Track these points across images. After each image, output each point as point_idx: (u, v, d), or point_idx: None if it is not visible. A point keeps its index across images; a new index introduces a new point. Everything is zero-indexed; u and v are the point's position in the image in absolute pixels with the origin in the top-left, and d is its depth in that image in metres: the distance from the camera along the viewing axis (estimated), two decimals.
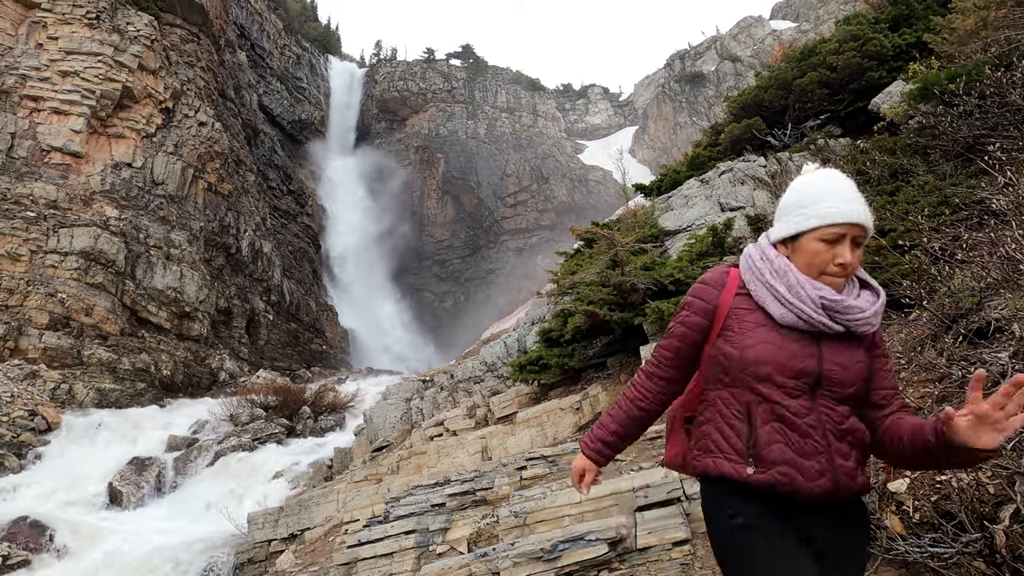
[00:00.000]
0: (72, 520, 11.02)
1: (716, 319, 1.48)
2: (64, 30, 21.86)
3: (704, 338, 1.50)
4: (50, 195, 19.91)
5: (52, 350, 18.01)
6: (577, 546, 2.86)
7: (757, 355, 1.37)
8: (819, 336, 1.37)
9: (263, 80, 43.30)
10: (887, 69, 9.09)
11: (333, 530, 7.41)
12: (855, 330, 1.38)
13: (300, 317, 31.50)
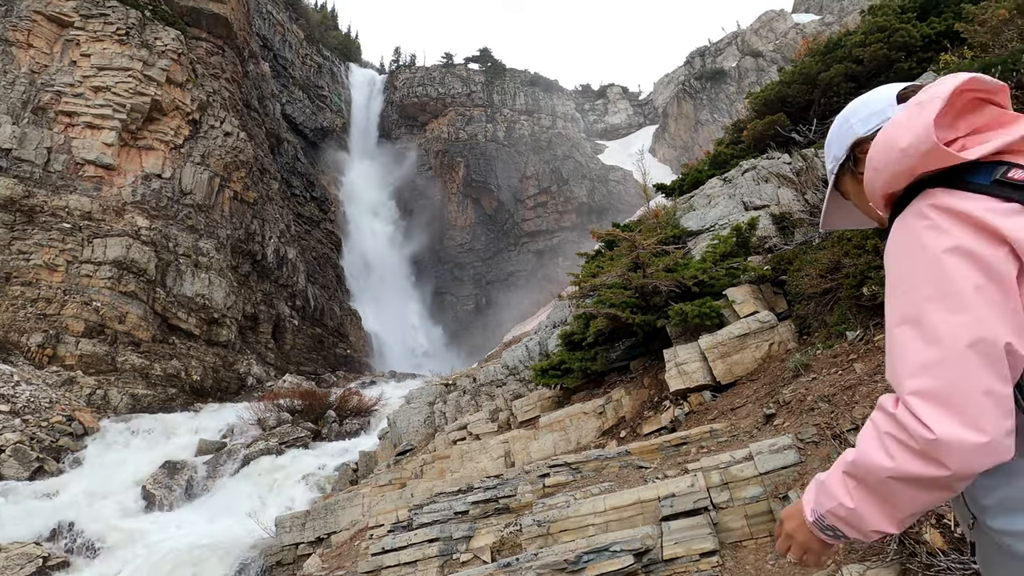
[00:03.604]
0: (108, 522, 11.34)
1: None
2: (96, 47, 22.59)
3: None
4: (84, 207, 20.56)
5: (88, 357, 18.58)
6: (602, 557, 2.81)
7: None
8: None
9: (286, 89, 44.10)
10: (916, 60, 8.82)
11: (359, 534, 7.47)
12: None
13: (324, 322, 31.94)
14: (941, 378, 0.83)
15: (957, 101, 0.95)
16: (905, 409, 0.87)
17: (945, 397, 0.82)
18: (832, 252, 5.55)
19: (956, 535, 2.11)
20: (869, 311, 4.77)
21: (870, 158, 1.02)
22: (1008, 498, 0.85)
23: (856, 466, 0.94)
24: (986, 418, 0.80)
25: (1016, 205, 0.85)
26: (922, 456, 0.84)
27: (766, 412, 4.48)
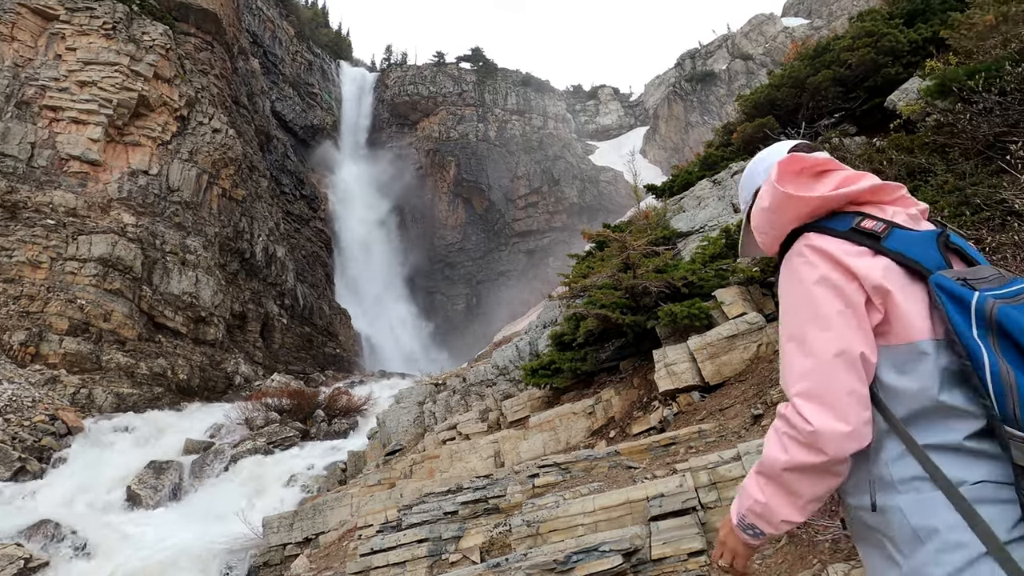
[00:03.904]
0: (91, 523, 11.19)
1: None
2: (82, 41, 22.27)
3: None
4: (69, 203, 20.27)
5: (72, 355, 18.32)
6: (591, 557, 2.82)
7: None
8: None
9: (275, 86, 43.76)
10: (903, 65, 8.93)
11: (347, 535, 7.43)
12: None
13: (313, 321, 31.74)
14: (816, 382, 1.05)
15: (801, 166, 1.20)
16: (792, 409, 1.08)
17: (820, 396, 1.04)
18: None
19: None
20: None
21: (753, 223, 1.29)
22: (857, 480, 1.08)
23: (763, 465, 1.14)
24: (851, 411, 1.02)
25: (864, 248, 1.08)
26: (807, 446, 1.05)
27: (754, 412, 4.52)
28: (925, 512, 0.99)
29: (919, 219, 1.16)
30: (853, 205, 1.15)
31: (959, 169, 5.16)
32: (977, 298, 0.97)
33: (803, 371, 1.07)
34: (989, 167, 4.75)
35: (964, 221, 4.10)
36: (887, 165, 6.19)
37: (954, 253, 1.10)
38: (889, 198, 1.17)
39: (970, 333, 0.96)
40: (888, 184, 1.17)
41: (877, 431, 1.06)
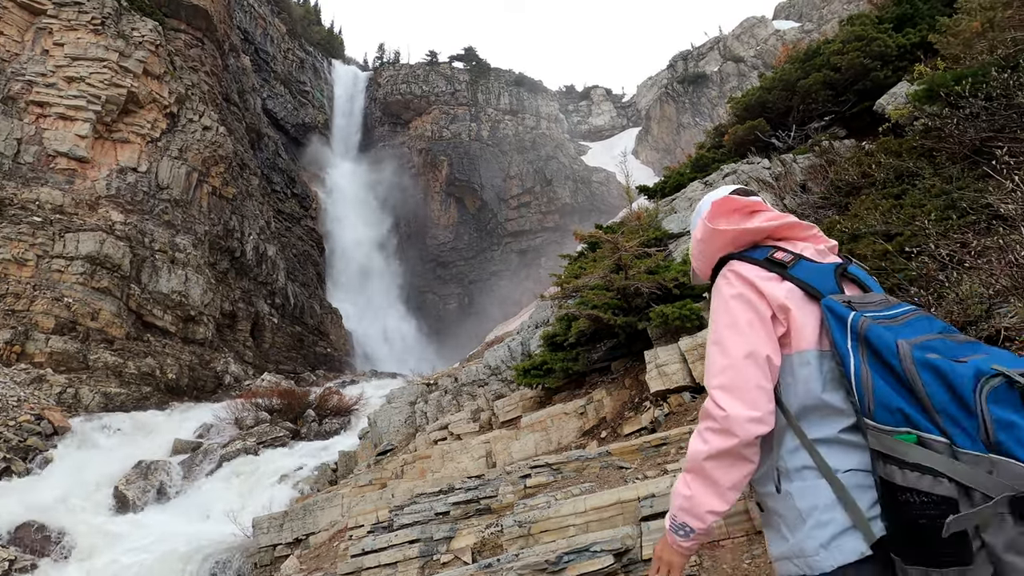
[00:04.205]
0: (78, 524, 11.07)
1: None
2: (70, 36, 22.01)
3: None
4: (56, 200, 20.02)
5: (58, 354, 18.10)
6: (582, 557, 2.83)
7: None
8: None
9: (267, 84, 43.47)
10: (892, 69, 9.04)
11: (338, 535, 7.40)
12: None
13: (304, 320, 31.57)
14: (730, 377, 1.26)
15: (733, 206, 1.45)
16: (711, 400, 1.28)
17: (733, 388, 1.25)
18: None
19: None
20: None
21: (691, 252, 1.54)
22: (765, 470, 1.28)
23: (688, 460, 1.31)
24: (758, 401, 1.23)
25: (774, 275, 1.31)
26: (721, 432, 1.25)
27: None
28: (808, 496, 1.20)
29: (826, 253, 1.40)
30: (772, 240, 1.40)
31: (946, 173, 5.23)
32: (853, 316, 1.19)
33: (720, 368, 1.29)
34: (975, 171, 4.82)
35: (951, 225, 4.16)
36: (876, 168, 6.26)
37: (851, 282, 1.34)
38: (802, 235, 1.42)
39: (845, 344, 1.18)
40: (802, 224, 1.42)
41: (779, 427, 1.26)
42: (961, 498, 1.00)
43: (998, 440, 0.99)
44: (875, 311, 1.20)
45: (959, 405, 1.03)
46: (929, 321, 1.20)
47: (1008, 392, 1.02)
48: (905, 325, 1.17)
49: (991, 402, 1.01)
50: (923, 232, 3.99)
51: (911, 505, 1.05)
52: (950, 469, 1.02)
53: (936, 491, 1.02)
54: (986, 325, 2.87)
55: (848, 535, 1.15)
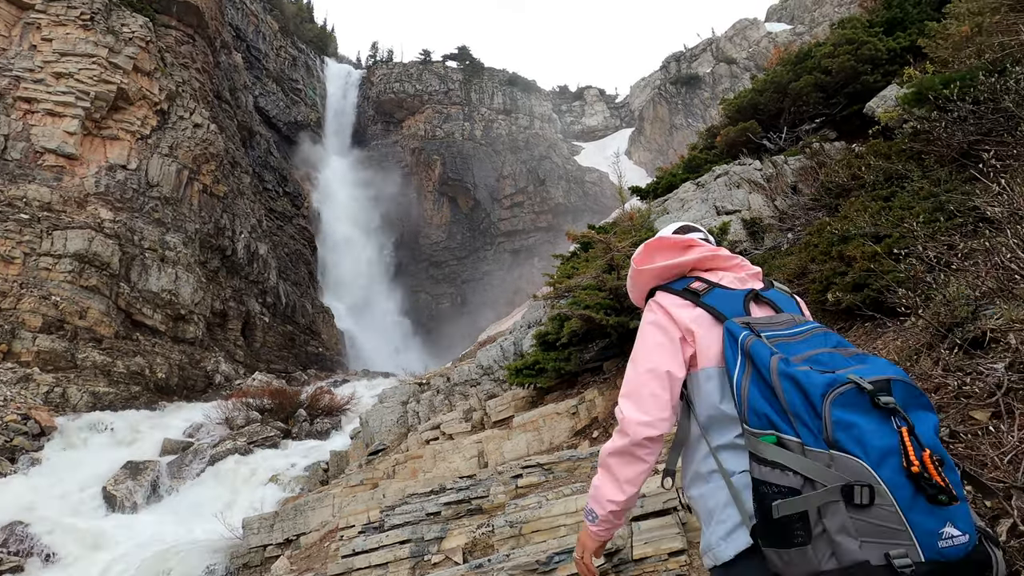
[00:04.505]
0: (65, 525, 10.94)
1: None
2: (58, 32, 21.75)
3: None
4: (44, 197, 19.80)
5: (46, 353, 17.90)
6: (572, 557, 2.84)
7: None
8: None
9: (259, 82, 43.18)
10: (882, 73, 9.12)
11: (329, 535, 7.37)
12: None
13: (296, 319, 31.41)
14: (632, 387, 1.47)
15: (660, 245, 1.64)
16: (618, 406, 1.50)
17: (631, 396, 1.46)
18: (799, 258, 5.71)
19: None
20: (833, 316, 4.92)
21: (628, 284, 1.74)
22: (689, 475, 1.46)
23: (600, 456, 1.51)
24: (650, 407, 1.43)
25: (688, 302, 1.49)
26: (620, 432, 1.46)
27: None
28: (713, 496, 1.36)
29: (747, 280, 1.57)
30: (697, 271, 1.59)
31: (934, 176, 5.28)
32: (742, 335, 1.34)
33: (627, 380, 1.50)
34: (963, 174, 4.87)
35: (939, 227, 4.20)
36: (865, 170, 6.31)
37: (766, 304, 1.50)
38: (724, 266, 1.60)
39: (733, 360, 1.34)
40: (725, 256, 1.62)
41: (694, 436, 1.44)
42: (806, 489, 1.15)
43: (836, 439, 1.14)
44: (775, 330, 1.36)
45: (809, 409, 1.18)
46: (826, 337, 1.37)
47: (856, 397, 1.16)
48: (803, 341, 1.34)
49: (835, 406, 1.16)
50: (911, 234, 4.03)
51: (767, 496, 1.20)
52: (797, 464, 1.17)
53: (783, 483, 1.18)
54: (972, 326, 2.91)
55: (740, 529, 1.30)
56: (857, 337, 4.50)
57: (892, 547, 1.09)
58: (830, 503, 1.12)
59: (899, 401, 1.17)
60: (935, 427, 1.19)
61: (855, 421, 1.14)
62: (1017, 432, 2.16)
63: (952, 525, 1.11)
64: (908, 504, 1.10)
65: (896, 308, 3.54)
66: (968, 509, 1.15)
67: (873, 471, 1.11)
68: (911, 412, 1.17)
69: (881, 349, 3.88)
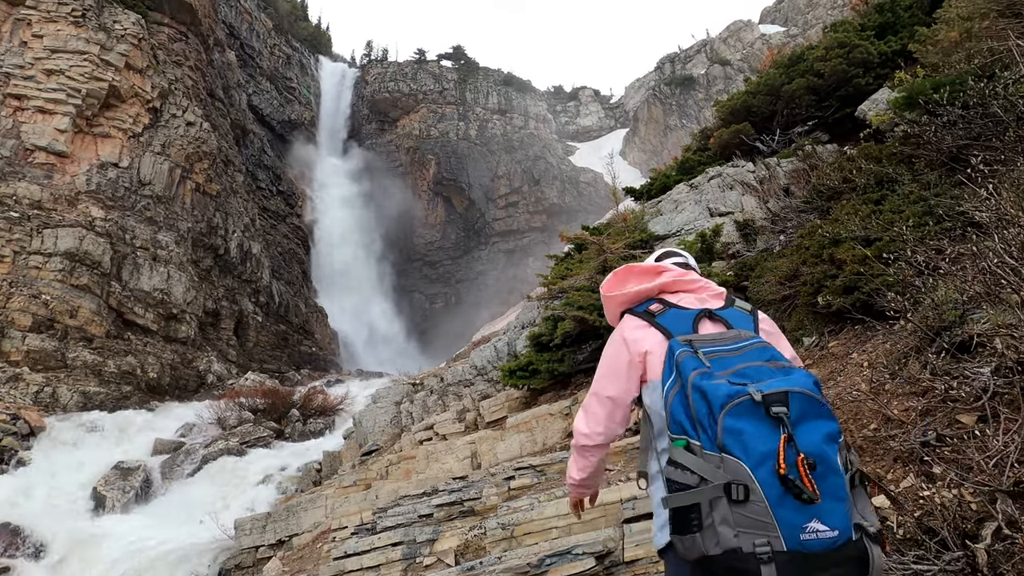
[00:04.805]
0: (55, 526, 10.85)
1: None
2: (49, 28, 21.56)
3: None
4: (34, 195, 19.62)
5: (35, 352, 17.74)
6: (564, 560, 2.85)
7: None
8: None
9: (252, 80, 42.96)
10: (873, 76, 9.18)
11: (321, 536, 7.35)
12: None
13: (289, 319, 31.28)
14: (585, 403, 1.76)
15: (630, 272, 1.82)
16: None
17: (583, 409, 1.77)
18: (791, 260, 5.75)
19: (898, 536, 2.23)
20: (824, 318, 4.96)
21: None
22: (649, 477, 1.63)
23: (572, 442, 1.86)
24: (590, 422, 1.74)
25: (645, 323, 1.66)
26: (573, 434, 1.82)
27: None
28: (656, 494, 1.53)
29: (707, 300, 1.70)
30: (664, 293, 1.74)
31: (924, 179, 5.33)
32: (679, 352, 1.50)
33: (587, 395, 1.77)
34: (952, 178, 4.92)
35: (928, 231, 4.24)
36: (857, 173, 6.36)
37: (719, 322, 1.62)
38: (687, 288, 1.75)
39: (668, 374, 1.50)
40: (688, 280, 1.77)
41: (648, 441, 1.64)
42: (701, 486, 1.34)
43: (725, 443, 1.31)
44: (716, 346, 1.50)
45: (709, 417, 1.35)
46: (762, 351, 1.50)
47: (750, 407, 1.32)
48: (739, 355, 1.47)
49: (729, 415, 1.33)
50: (901, 238, 4.07)
51: (671, 491, 1.41)
52: (695, 465, 1.35)
53: (684, 481, 1.37)
54: (960, 331, 2.94)
55: (669, 523, 1.47)
56: (847, 340, 4.53)
57: (760, 537, 1.26)
58: (716, 498, 1.31)
59: (796, 411, 1.32)
60: (827, 435, 1.32)
61: (743, 428, 1.31)
62: (1002, 436, 2.19)
63: (819, 521, 1.25)
64: (777, 501, 1.26)
65: (886, 311, 3.57)
66: (844, 508, 1.28)
67: (751, 472, 1.28)
68: (807, 421, 1.32)
69: (871, 352, 3.91)
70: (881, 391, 3.12)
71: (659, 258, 1.98)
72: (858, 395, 3.18)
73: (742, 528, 1.27)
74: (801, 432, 1.30)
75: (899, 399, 2.95)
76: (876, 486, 2.48)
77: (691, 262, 1.97)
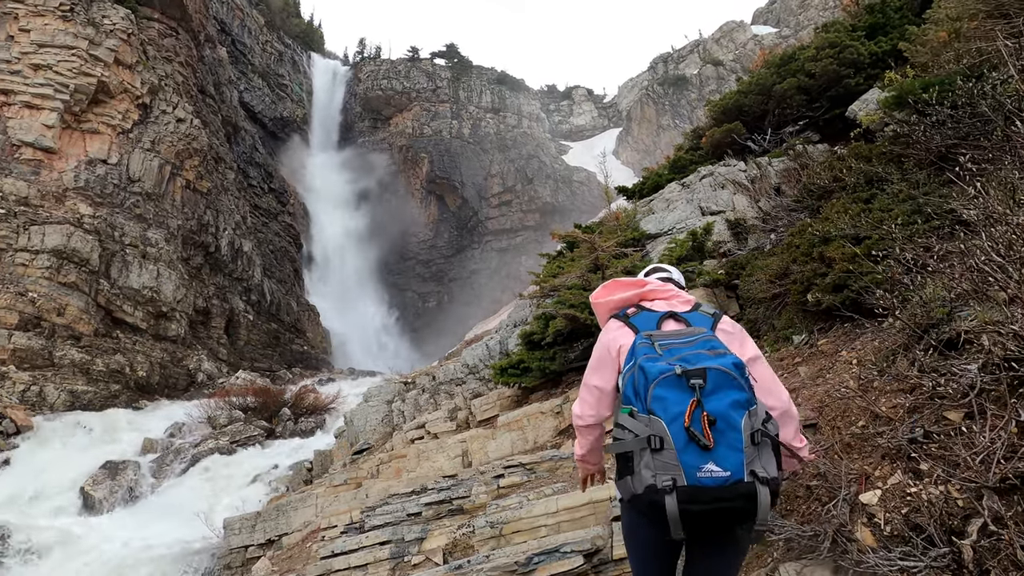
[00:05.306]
0: (42, 526, 10.74)
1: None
2: (37, 22, 21.28)
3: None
4: (21, 191, 19.37)
5: (22, 351, 17.53)
6: (552, 558, 2.83)
7: None
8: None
9: (244, 76, 42.64)
10: (864, 76, 9.22)
11: (311, 536, 7.30)
12: None
13: (281, 317, 31.09)
14: (579, 391, 2.15)
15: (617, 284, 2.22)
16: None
17: (579, 396, 2.14)
18: (781, 258, 5.76)
19: (885, 533, 2.23)
20: (814, 316, 4.97)
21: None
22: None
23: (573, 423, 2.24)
24: (583, 406, 2.12)
25: (622, 323, 2.05)
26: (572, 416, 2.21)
27: None
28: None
29: (675, 306, 2.07)
30: (643, 301, 2.12)
31: (913, 178, 5.35)
32: (638, 342, 1.88)
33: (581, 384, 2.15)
34: (941, 177, 4.94)
35: (916, 229, 4.26)
36: (847, 173, 6.38)
37: (682, 321, 1.99)
38: (662, 296, 2.13)
39: (629, 360, 1.88)
40: (663, 290, 2.15)
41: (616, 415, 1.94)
42: (634, 441, 1.72)
43: (651, 407, 1.71)
44: (671, 339, 1.86)
45: (645, 389, 1.74)
46: (705, 343, 1.83)
47: (675, 380, 1.71)
48: (687, 346, 1.82)
49: (658, 386, 1.73)
50: (890, 236, 4.08)
51: (615, 445, 1.78)
52: (631, 424, 1.74)
53: (622, 436, 1.75)
54: (947, 328, 2.95)
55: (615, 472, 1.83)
56: (837, 338, 4.55)
57: (668, 476, 1.63)
58: (642, 449, 1.69)
59: (711, 384, 1.69)
60: (734, 401, 1.68)
61: (665, 395, 1.71)
62: (988, 432, 2.19)
63: (714, 464, 1.62)
64: (682, 448, 1.64)
65: (874, 309, 3.58)
66: (739, 457, 1.64)
67: (666, 427, 1.67)
68: (719, 391, 1.69)
69: (860, 350, 3.92)
70: (869, 388, 3.13)
71: (647, 273, 2.41)
72: (847, 392, 3.19)
73: (658, 471, 1.65)
74: (711, 398, 1.67)
75: (887, 396, 2.96)
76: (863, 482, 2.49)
77: (674, 276, 2.37)
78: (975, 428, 2.26)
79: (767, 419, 1.73)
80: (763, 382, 2.10)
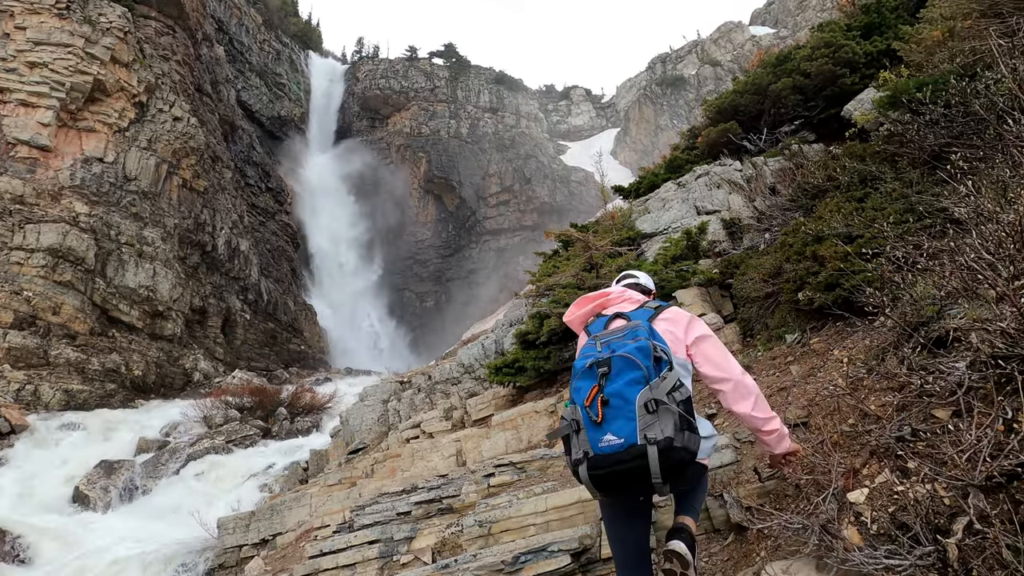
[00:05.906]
0: (36, 526, 10.70)
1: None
2: (32, 20, 21.22)
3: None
4: (16, 190, 19.31)
5: (17, 350, 17.47)
6: (539, 558, 2.82)
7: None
8: None
9: (241, 75, 42.57)
10: (859, 76, 9.21)
11: (305, 535, 7.28)
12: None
13: (278, 316, 31.05)
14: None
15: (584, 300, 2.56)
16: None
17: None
18: (775, 257, 5.75)
19: (872, 532, 2.21)
20: (806, 315, 4.96)
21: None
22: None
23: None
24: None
25: (584, 333, 2.41)
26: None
27: (707, 412, 4.60)
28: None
29: (624, 307, 2.43)
30: (602, 309, 2.49)
31: (906, 177, 5.34)
32: (586, 344, 2.23)
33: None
34: (934, 176, 4.93)
35: (908, 228, 4.25)
36: (841, 172, 6.37)
37: (625, 318, 2.32)
38: (615, 302, 2.49)
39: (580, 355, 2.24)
40: (615, 296, 2.53)
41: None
42: (566, 426, 2.07)
43: (573, 397, 2.06)
44: (608, 336, 2.18)
45: (572, 382, 2.12)
46: (631, 333, 2.15)
47: (587, 371, 2.07)
48: (618, 340, 2.13)
49: (577, 379, 2.10)
50: (882, 235, 4.07)
51: (556, 431, 2.11)
52: (565, 413, 2.10)
53: (561, 424, 2.09)
54: (937, 326, 2.94)
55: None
56: (829, 336, 4.54)
57: (580, 450, 2.01)
58: (573, 432, 2.05)
59: (615, 370, 2.02)
60: (630, 380, 1.99)
61: (580, 385, 2.07)
62: (975, 430, 2.18)
63: (611, 435, 1.95)
64: (588, 425, 2.00)
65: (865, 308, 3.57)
66: (632, 427, 1.94)
67: (581, 411, 2.03)
68: (620, 375, 2.00)
69: (850, 348, 3.92)
70: (859, 387, 3.12)
71: (619, 280, 2.78)
72: (836, 391, 3.17)
73: (580, 447, 2.01)
74: (611, 382, 1.99)
75: (876, 394, 2.95)
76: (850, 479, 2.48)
77: (641, 280, 2.76)
78: (962, 426, 2.25)
79: (674, 389, 2.01)
80: (712, 359, 2.41)
